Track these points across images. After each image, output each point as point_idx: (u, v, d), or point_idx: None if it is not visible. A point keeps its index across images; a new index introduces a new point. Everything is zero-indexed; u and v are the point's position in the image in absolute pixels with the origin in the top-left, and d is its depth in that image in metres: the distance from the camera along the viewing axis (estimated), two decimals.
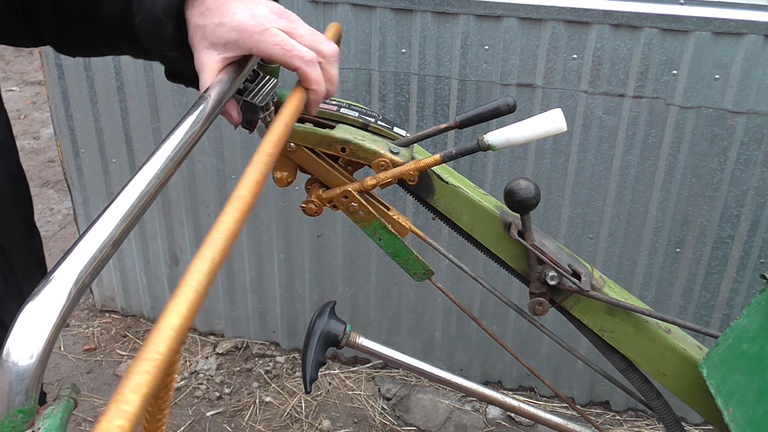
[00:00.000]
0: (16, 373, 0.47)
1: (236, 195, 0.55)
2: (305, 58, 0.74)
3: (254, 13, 0.75)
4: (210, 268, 0.47)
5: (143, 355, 0.40)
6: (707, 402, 1.04)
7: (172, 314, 0.43)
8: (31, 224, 0.97)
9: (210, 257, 0.47)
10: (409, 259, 1.09)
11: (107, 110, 2.35)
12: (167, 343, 0.41)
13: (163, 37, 0.77)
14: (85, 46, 0.92)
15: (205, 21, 0.75)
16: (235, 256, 2.51)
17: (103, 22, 0.84)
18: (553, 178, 2.12)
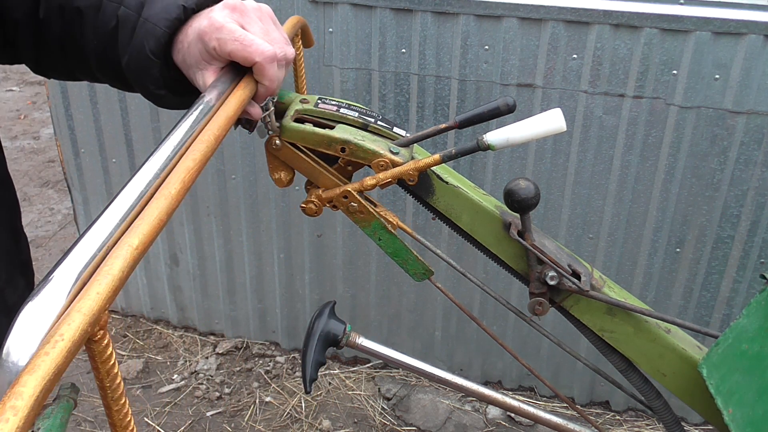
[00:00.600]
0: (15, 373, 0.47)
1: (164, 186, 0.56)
2: (265, 53, 0.76)
3: (210, 16, 0.77)
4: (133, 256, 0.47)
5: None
6: (707, 402, 1.04)
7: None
8: (17, 229, 0.95)
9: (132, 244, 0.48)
10: (409, 259, 1.09)
11: (107, 110, 2.35)
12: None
13: (152, 76, 0.80)
14: (62, 73, 0.93)
15: (183, 54, 0.79)
16: (235, 255, 2.51)
17: (85, 57, 0.86)
18: (553, 178, 2.12)
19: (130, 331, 2.73)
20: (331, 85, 2.12)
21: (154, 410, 2.40)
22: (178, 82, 0.83)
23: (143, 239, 0.50)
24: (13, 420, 0.37)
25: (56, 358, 0.40)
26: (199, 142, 0.63)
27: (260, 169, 2.32)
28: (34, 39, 0.87)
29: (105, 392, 0.48)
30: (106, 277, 0.46)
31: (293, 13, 2.03)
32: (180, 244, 2.55)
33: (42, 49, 0.88)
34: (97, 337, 0.46)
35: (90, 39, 0.83)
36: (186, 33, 0.79)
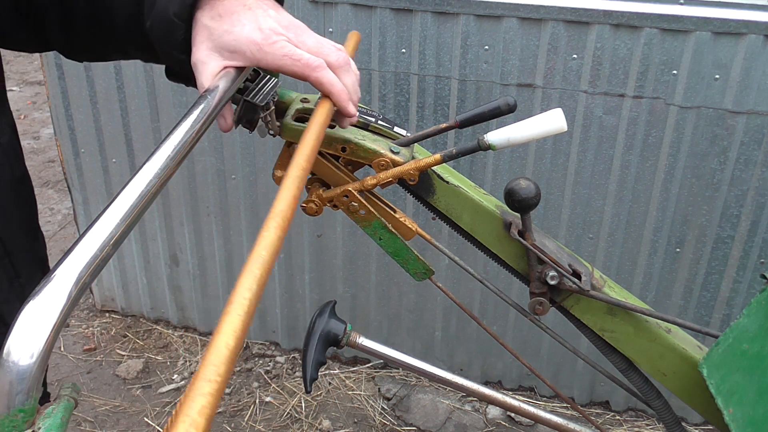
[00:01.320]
0: (16, 373, 0.47)
1: (276, 211, 0.55)
2: (312, 65, 0.75)
3: (262, 26, 0.75)
4: (257, 285, 0.47)
5: (203, 376, 0.40)
6: (707, 402, 1.04)
7: (225, 334, 0.43)
8: (36, 227, 0.97)
9: (257, 274, 0.48)
10: (410, 258, 1.09)
11: (107, 110, 2.35)
12: (225, 364, 0.41)
13: (174, 39, 0.77)
14: (93, 52, 0.92)
15: (214, 24, 0.76)
16: (235, 255, 2.51)
17: (112, 27, 0.84)
18: (553, 178, 2.12)
19: (130, 331, 2.72)
20: None
21: (154, 410, 2.40)
22: None
23: (266, 267, 0.50)
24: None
25: (217, 395, 0.40)
26: (293, 178, 0.63)
27: (260, 169, 2.32)
28: (63, 20, 0.86)
29: None
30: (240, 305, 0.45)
31: (293, 14, 2.02)
32: (180, 244, 2.55)
33: (71, 29, 0.87)
34: None
35: (117, 7, 0.82)
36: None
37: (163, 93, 2.27)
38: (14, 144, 0.90)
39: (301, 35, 0.77)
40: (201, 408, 0.38)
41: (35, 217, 0.97)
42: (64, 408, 0.55)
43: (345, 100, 0.78)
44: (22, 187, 0.92)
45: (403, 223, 1.07)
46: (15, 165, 0.90)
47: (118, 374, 2.55)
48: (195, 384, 0.39)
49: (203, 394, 0.39)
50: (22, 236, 0.91)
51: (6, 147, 0.87)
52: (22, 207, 0.92)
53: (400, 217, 1.07)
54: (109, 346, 2.67)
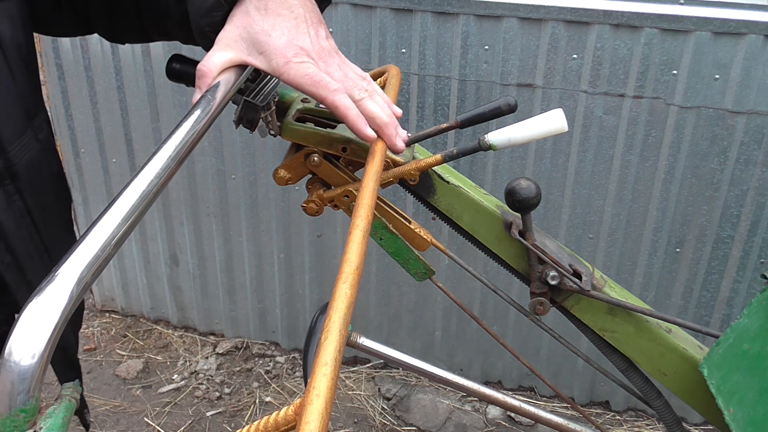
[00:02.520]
0: (18, 373, 0.47)
1: (350, 267, 0.61)
2: (330, 88, 0.74)
3: (298, 43, 0.75)
4: (339, 343, 0.51)
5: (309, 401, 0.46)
6: (708, 402, 1.04)
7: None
8: (70, 220, 0.98)
9: (337, 335, 0.51)
10: (410, 258, 1.09)
11: (107, 110, 2.35)
12: (328, 384, 0.47)
13: (213, 18, 0.77)
14: (137, 34, 0.92)
15: (257, 17, 0.75)
16: (235, 255, 2.51)
17: (157, 6, 0.85)
18: (553, 178, 2.12)
19: (130, 331, 2.72)
20: None
21: (154, 410, 2.40)
22: None
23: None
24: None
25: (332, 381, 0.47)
26: (360, 230, 0.66)
27: (260, 169, 2.32)
28: (106, 6, 0.86)
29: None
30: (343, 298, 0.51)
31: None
32: (180, 244, 2.55)
33: (115, 11, 0.87)
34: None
35: None
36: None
37: (163, 93, 2.27)
38: (50, 140, 0.91)
39: (330, 65, 0.77)
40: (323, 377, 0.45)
41: (70, 211, 0.98)
42: (65, 408, 0.55)
43: (361, 126, 0.76)
44: (59, 183, 0.93)
45: (418, 234, 1.07)
46: (53, 160, 0.91)
47: (118, 374, 2.55)
48: (305, 415, 0.45)
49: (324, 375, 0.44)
50: (60, 230, 0.92)
51: (44, 143, 0.88)
52: (60, 202, 0.93)
53: (415, 228, 1.07)
54: (109, 346, 2.67)
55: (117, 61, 2.26)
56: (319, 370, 0.48)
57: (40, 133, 0.86)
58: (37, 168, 0.85)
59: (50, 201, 0.89)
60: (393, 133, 0.78)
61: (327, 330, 0.52)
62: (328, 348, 0.50)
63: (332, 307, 0.54)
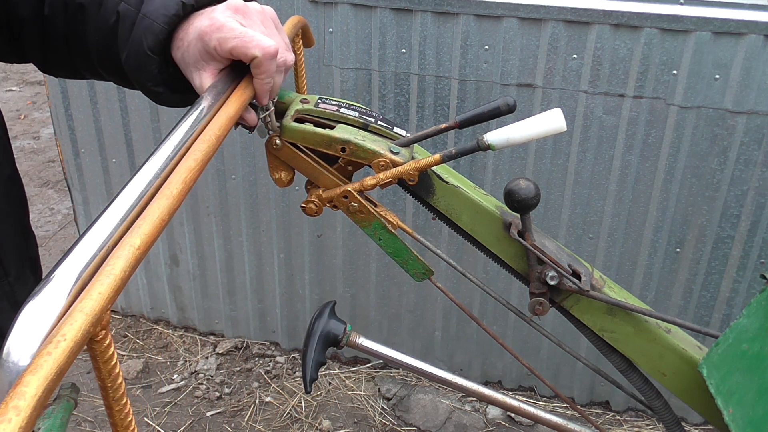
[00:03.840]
0: (16, 373, 0.47)
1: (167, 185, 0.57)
2: (266, 48, 0.77)
3: (210, 16, 0.77)
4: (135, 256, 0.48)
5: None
6: (707, 402, 1.04)
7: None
8: (26, 226, 0.96)
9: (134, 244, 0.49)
10: (409, 258, 1.09)
11: (107, 110, 2.35)
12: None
13: (150, 72, 0.80)
14: (68, 70, 0.94)
15: (182, 52, 0.79)
16: (235, 255, 2.51)
17: (88, 53, 0.86)
18: (553, 178, 2.12)
19: (130, 331, 2.72)
20: (331, 85, 2.12)
21: (154, 410, 2.40)
22: (176, 80, 0.83)
23: (145, 239, 0.51)
24: (15, 420, 0.37)
25: (58, 358, 0.40)
26: (201, 142, 0.63)
27: (260, 169, 2.32)
28: (40, 36, 0.87)
29: (106, 392, 0.48)
30: (107, 277, 0.46)
31: (293, 13, 2.03)
32: (180, 244, 2.55)
33: (48, 46, 0.88)
34: (99, 337, 0.46)
35: (92, 34, 0.84)
36: (186, 31, 0.79)
37: None
38: (4, 143, 0.90)
39: (249, 17, 0.79)
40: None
41: (26, 216, 0.97)
42: (63, 408, 0.55)
43: (265, 92, 0.82)
44: (12, 187, 0.92)
45: (384, 217, 1.07)
46: (5, 164, 0.90)
47: None
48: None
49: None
50: (12, 235, 0.90)
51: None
52: (12, 206, 0.92)
53: (381, 211, 1.07)
54: None
55: None
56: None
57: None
58: None
59: (2, 205, 0.88)
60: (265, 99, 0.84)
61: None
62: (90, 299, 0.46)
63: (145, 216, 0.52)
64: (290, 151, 1.01)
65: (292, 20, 1.05)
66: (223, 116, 0.71)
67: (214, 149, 0.65)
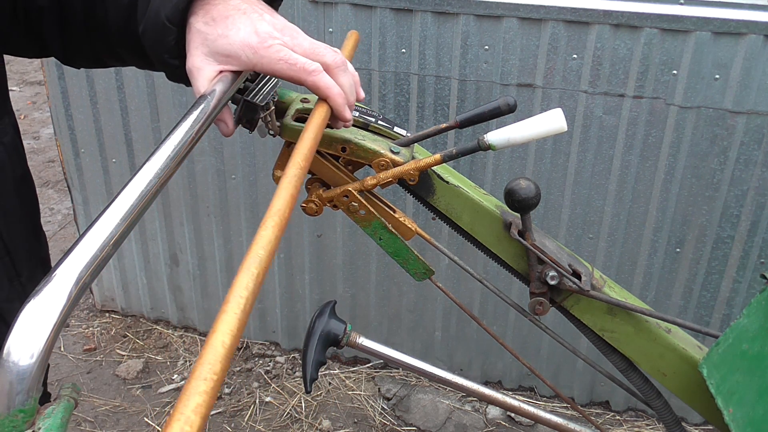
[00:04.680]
0: (16, 373, 0.47)
1: (273, 210, 0.55)
2: (308, 69, 0.74)
3: (258, 30, 0.74)
4: (254, 284, 0.47)
5: (198, 375, 0.40)
6: (707, 402, 1.04)
7: (222, 332, 0.43)
8: (37, 226, 0.97)
9: (254, 273, 0.48)
10: (410, 258, 1.09)
11: (107, 110, 2.35)
12: (221, 362, 0.41)
13: (166, 44, 0.77)
14: (89, 58, 0.92)
15: (209, 29, 0.75)
16: (235, 255, 2.51)
17: (107, 33, 0.84)
18: (553, 178, 2.12)
19: (130, 331, 2.72)
20: None
21: (154, 410, 2.40)
22: None
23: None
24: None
25: (213, 394, 0.41)
26: (290, 177, 0.61)
27: (260, 169, 2.32)
28: (60, 24, 0.86)
29: None
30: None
31: (293, 14, 2.03)
32: (180, 244, 2.55)
33: (68, 32, 0.87)
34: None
35: (111, 12, 0.82)
36: (211, 3, 0.76)
37: (163, 93, 2.27)
38: (16, 143, 0.91)
39: (296, 38, 0.77)
40: (196, 406, 0.38)
41: (37, 216, 0.98)
42: (64, 408, 0.55)
43: (341, 104, 0.78)
44: (24, 187, 0.93)
45: (403, 223, 1.07)
46: (17, 164, 0.90)
47: (118, 374, 2.55)
48: (191, 383, 0.39)
49: (199, 393, 0.39)
50: (24, 236, 0.91)
51: (8, 146, 0.87)
52: (24, 206, 0.92)
53: (400, 217, 1.07)
54: (109, 346, 2.67)
55: None
56: (216, 338, 0.43)
57: (5, 136, 0.86)
58: (1, 171, 0.85)
59: (13, 205, 0.88)
60: (345, 110, 0.79)
61: (232, 292, 0.48)
62: (228, 317, 0.46)
63: (251, 248, 0.52)
64: (315, 158, 1.02)
65: (352, 37, 1.03)
66: (310, 141, 0.69)
67: (304, 174, 0.64)
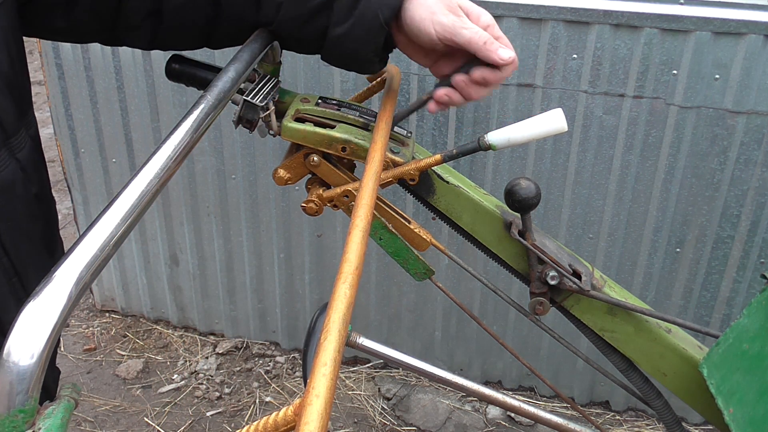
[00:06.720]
0: (17, 373, 0.47)
1: (348, 269, 0.61)
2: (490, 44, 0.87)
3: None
4: (336, 351, 0.50)
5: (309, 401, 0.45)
6: (707, 402, 1.04)
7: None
8: (53, 241, 0.93)
9: (338, 336, 0.51)
10: (410, 258, 1.09)
11: (107, 110, 2.35)
12: (328, 385, 0.47)
13: (376, 43, 0.86)
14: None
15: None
16: (235, 255, 2.51)
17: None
18: (553, 178, 2.12)
19: (130, 331, 2.72)
20: (331, 85, 2.12)
21: (154, 410, 2.40)
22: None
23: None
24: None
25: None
26: (359, 230, 0.67)
27: (260, 169, 2.32)
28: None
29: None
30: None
31: None
32: (180, 244, 2.55)
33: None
34: None
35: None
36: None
37: (163, 93, 2.27)
38: (34, 158, 0.86)
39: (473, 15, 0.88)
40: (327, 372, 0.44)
41: (53, 231, 0.94)
42: (64, 408, 0.55)
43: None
44: (39, 204, 0.88)
45: (418, 234, 1.07)
46: (32, 181, 0.86)
47: (118, 374, 2.55)
48: (305, 413, 0.44)
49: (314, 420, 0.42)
50: (35, 254, 0.88)
51: (23, 162, 0.83)
52: (36, 223, 0.88)
53: (415, 228, 1.07)
54: (109, 346, 2.67)
55: (117, 61, 2.26)
56: (319, 370, 0.48)
57: (20, 151, 0.82)
58: (10, 189, 0.80)
59: (24, 225, 0.84)
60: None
61: (326, 330, 0.52)
62: (328, 348, 0.50)
63: (332, 307, 0.54)
64: (328, 167, 1.02)
65: (395, 75, 1.08)
66: (370, 189, 0.74)
67: (370, 220, 0.72)
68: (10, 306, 0.82)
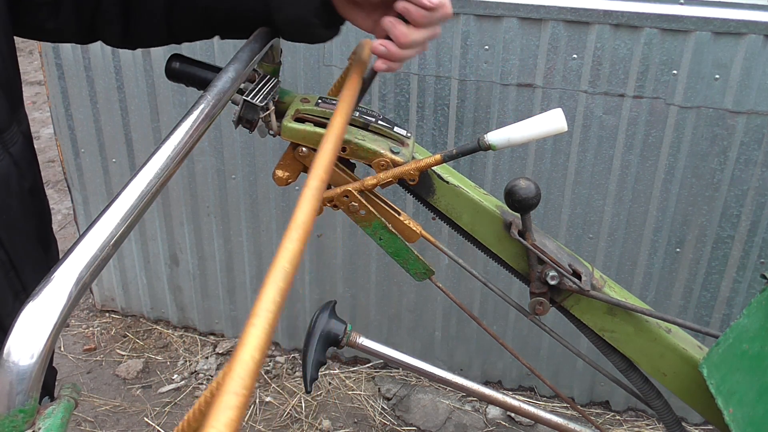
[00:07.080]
0: (17, 373, 0.47)
1: (297, 222, 0.56)
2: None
3: None
4: (281, 297, 0.47)
5: (229, 389, 0.40)
6: (707, 402, 1.04)
7: (250, 347, 0.44)
8: (47, 238, 0.95)
9: (280, 286, 0.48)
10: (410, 258, 1.09)
11: (107, 110, 2.35)
12: (251, 377, 0.42)
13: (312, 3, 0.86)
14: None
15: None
16: (235, 255, 2.51)
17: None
18: (553, 178, 2.12)
19: (130, 331, 2.72)
20: (331, 85, 2.12)
21: (154, 410, 2.40)
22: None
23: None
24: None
25: (243, 407, 0.42)
26: (312, 189, 0.65)
27: (260, 169, 2.32)
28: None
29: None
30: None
31: None
32: (180, 244, 2.55)
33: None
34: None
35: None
36: None
37: (163, 93, 2.27)
38: (26, 154, 0.88)
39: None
40: (228, 421, 0.38)
41: (47, 228, 0.95)
42: (64, 408, 0.55)
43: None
44: (32, 199, 0.90)
45: (408, 226, 1.07)
46: (25, 176, 0.87)
47: (118, 374, 2.55)
48: (221, 396, 0.40)
49: (230, 407, 0.39)
50: (31, 249, 0.89)
51: (16, 157, 0.84)
52: (31, 219, 0.90)
53: (405, 220, 1.07)
54: (109, 346, 2.67)
55: (117, 61, 2.26)
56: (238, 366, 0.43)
57: (13, 146, 0.84)
58: (4, 183, 0.82)
59: (19, 218, 0.85)
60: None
61: (265, 285, 0.49)
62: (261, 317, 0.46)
63: (276, 262, 0.52)
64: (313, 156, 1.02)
65: (365, 45, 1.05)
66: (330, 150, 0.73)
67: (326, 181, 0.70)
68: (7, 300, 0.84)
